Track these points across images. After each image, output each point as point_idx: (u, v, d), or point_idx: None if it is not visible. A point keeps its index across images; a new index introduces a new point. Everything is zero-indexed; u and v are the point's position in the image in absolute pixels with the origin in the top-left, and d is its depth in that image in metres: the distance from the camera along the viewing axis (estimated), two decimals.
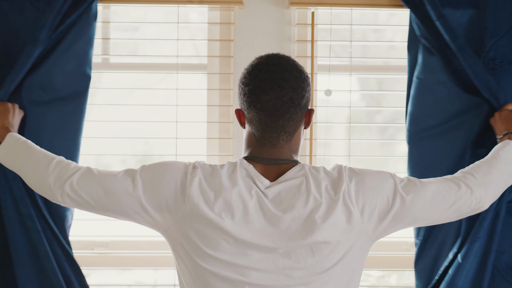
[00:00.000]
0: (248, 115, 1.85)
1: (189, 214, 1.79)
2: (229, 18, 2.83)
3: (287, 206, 1.79)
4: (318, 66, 2.86)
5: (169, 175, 1.84)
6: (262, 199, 1.79)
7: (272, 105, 1.81)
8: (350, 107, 2.87)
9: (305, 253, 1.78)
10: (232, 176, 1.80)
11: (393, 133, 3.04)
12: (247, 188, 1.79)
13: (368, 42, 2.99)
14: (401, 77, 2.88)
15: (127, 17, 2.96)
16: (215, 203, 1.77)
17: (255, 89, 1.82)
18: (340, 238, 1.79)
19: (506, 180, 2.13)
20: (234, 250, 1.76)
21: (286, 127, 1.84)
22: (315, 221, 1.77)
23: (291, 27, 2.84)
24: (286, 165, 1.86)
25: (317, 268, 1.78)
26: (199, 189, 1.79)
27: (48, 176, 1.96)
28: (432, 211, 1.91)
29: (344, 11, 2.85)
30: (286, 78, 1.82)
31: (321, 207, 1.78)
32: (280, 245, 1.77)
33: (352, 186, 1.82)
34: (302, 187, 1.80)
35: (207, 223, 1.77)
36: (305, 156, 2.83)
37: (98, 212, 1.92)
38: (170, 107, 2.83)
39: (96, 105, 2.94)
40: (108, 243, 2.85)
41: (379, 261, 2.89)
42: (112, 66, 2.89)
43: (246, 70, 1.87)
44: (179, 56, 2.82)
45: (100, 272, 3.01)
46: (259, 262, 1.77)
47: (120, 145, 2.90)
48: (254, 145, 1.87)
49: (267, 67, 1.83)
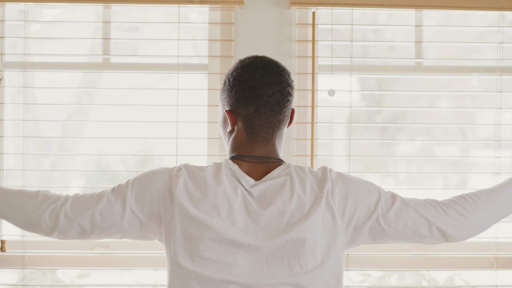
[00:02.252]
0: (244, 112, 1.85)
1: (177, 215, 1.79)
2: (230, 18, 2.83)
3: (271, 203, 1.79)
4: (319, 66, 2.87)
5: (156, 181, 1.83)
6: (247, 197, 1.79)
7: (274, 99, 1.84)
8: (351, 107, 2.87)
9: (288, 251, 1.77)
10: (217, 176, 1.80)
11: (393, 133, 3.04)
12: (232, 187, 1.80)
13: (368, 42, 2.99)
14: (402, 77, 2.89)
15: (127, 17, 2.96)
16: (200, 201, 1.77)
17: (256, 84, 1.83)
18: (321, 237, 1.78)
19: (494, 220, 2.01)
20: (219, 248, 1.76)
21: (281, 122, 1.87)
22: (297, 218, 1.77)
23: (292, 27, 2.84)
24: (273, 164, 1.87)
25: (300, 269, 1.77)
26: (184, 188, 1.79)
27: (40, 213, 1.85)
28: (406, 236, 1.90)
29: (344, 11, 2.86)
30: (281, 73, 1.87)
31: (305, 205, 1.79)
32: (264, 243, 1.76)
33: (337, 188, 1.82)
34: (286, 185, 1.81)
35: (193, 222, 1.76)
36: (306, 156, 2.83)
37: (98, 236, 1.88)
38: (171, 107, 2.83)
39: (97, 105, 2.94)
40: (108, 243, 2.85)
41: (380, 261, 2.89)
42: (113, 66, 2.89)
43: (239, 69, 1.87)
44: (180, 56, 2.83)
45: (100, 272, 3.01)
46: (243, 260, 1.77)
47: (121, 145, 2.90)
48: (246, 143, 1.87)
49: (262, 64, 1.86)
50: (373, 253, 2.89)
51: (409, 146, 3.08)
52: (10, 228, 2.86)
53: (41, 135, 2.93)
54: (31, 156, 2.86)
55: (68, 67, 2.89)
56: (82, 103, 2.99)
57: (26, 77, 2.83)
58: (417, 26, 2.92)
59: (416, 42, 2.93)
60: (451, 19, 3.03)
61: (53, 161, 2.99)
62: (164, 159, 2.96)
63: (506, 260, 2.91)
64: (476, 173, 3.01)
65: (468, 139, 3.07)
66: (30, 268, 2.86)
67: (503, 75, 2.90)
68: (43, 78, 2.93)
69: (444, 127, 3.02)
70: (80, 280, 3.04)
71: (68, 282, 3.03)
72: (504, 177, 2.91)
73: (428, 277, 3.08)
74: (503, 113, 2.93)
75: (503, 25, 2.89)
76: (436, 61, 2.98)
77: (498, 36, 2.90)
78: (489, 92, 2.94)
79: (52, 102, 2.92)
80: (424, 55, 2.93)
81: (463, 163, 3.03)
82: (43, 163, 2.95)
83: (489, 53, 2.96)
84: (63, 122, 2.97)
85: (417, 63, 2.94)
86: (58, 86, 2.93)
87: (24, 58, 2.82)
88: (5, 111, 2.86)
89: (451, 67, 2.95)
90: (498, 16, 2.90)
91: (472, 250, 2.93)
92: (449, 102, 3.07)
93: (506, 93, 2.91)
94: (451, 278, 3.07)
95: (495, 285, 2.90)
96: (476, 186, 3.06)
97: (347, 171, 2.87)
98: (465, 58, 3.01)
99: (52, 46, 2.93)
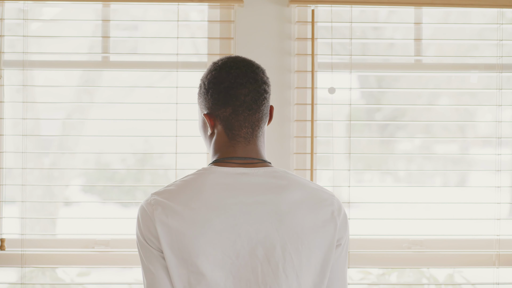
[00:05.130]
0: (222, 114, 1.83)
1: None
2: (229, 16, 2.83)
3: (262, 196, 1.73)
4: (318, 64, 2.86)
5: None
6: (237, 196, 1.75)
7: (250, 98, 1.82)
8: (350, 105, 2.87)
9: (281, 251, 1.73)
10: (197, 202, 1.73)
11: (393, 131, 3.04)
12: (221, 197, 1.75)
13: (368, 40, 2.99)
14: (401, 75, 2.88)
15: (127, 16, 2.96)
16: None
17: (231, 85, 1.82)
18: (317, 236, 1.75)
19: None
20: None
21: (260, 121, 1.85)
22: (293, 209, 1.73)
23: (291, 25, 2.84)
24: (259, 165, 1.82)
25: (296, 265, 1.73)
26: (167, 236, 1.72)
27: None
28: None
29: (344, 8, 2.85)
30: (256, 71, 1.84)
31: (305, 201, 1.75)
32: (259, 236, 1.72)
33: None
34: (279, 182, 1.77)
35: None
36: (305, 154, 2.83)
37: None
38: (170, 105, 2.83)
39: (96, 104, 2.94)
40: (108, 241, 2.85)
41: (380, 259, 2.89)
42: (112, 65, 2.89)
43: (213, 72, 1.86)
44: (179, 54, 2.83)
45: (100, 271, 3.01)
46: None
47: (120, 144, 2.90)
48: (227, 145, 1.84)
49: (236, 64, 1.85)
50: (374, 251, 2.89)
51: (409, 144, 3.08)
52: (10, 226, 2.87)
53: (40, 134, 2.93)
54: (31, 155, 2.87)
55: (67, 66, 2.89)
56: (82, 101, 3.00)
57: (25, 75, 2.83)
58: (417, 23, 2.92)
59: (416, 39, 2.92)
60: (450, 17, 3.02)
61: (53, 159, 2.99)
62: (164, 157, 2.97)
63: (508, 257, 2.91)
64: (476, 170, 3.01)
65: (468, 137, 3.06)
66: (30, 267, 2.86)
67: (502, 72, 2.90)
68: (43, 77, 2.93)
69: (444, 125, 3.02)
70: (80, 279, 3.04)
71: (68, 280, 3.03)
72: (505, 175, 2.91)
73: (428, 274, 3.08)
74: (503, 110, 2.92)
75: (502, 22, 2.89)
76: (435, 59, 2.98)
77: (497, 34, 2.90)
78: (489, 90, 2.94)
79: (51, 101, 2.93)
80: (423, 53, 2.93)
81: (463, 161, 3.03)
82: (42, 162, 2.95)
83: (489, 50, 2.96)
84: (62, 121, 2.97)
85: (417, 60, 2.93)
86: (58, 85, 2.94)
87: (24, 56, 2.82)
88: (5, 110, 2.86)
89: (451, 65, 2.95)
90: (497, 14, 2.90)
91: (474, 247, 2.93)
92: (448, 99, 3.07)
93: (506, 90, 2.91)
94: (451, 276, 3.07)
95: (497, 282, 2.90)
96: (476, 184, 3.06)
97: (347, 169, 2.87)
98: (465, 55, 3.01)
99: (51, 45, 2.93)
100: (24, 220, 2.83)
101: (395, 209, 2.97)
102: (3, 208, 2.85)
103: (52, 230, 3.03)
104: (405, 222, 2.91)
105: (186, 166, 2.83)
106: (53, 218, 3.02)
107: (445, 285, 3.08)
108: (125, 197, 3.10)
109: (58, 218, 3.02)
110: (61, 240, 2.90)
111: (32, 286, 2.91)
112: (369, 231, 2.91)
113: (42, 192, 2.97)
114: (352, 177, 2.90)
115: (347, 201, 2.85)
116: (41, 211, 2.98)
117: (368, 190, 2.98)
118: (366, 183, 3.10)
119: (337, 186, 2.94)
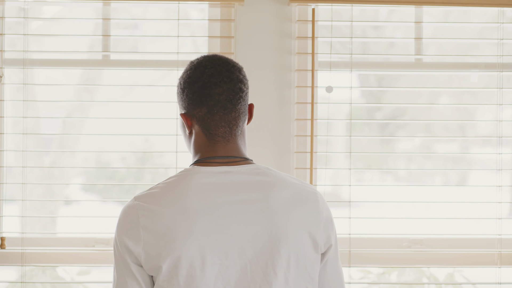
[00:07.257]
0: (198, 114, 1.81)
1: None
2: (230, 15, 2.83)
3: (249, 194, 1.72)
4: (319, 63, 2.86)
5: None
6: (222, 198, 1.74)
7: (225, 97, 1.79)
8: (351, 104, 2.87)
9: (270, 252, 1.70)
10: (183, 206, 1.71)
11: (393, 130, 3.04)
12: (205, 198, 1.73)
13: (368, 39, 2.99)
14: (401, 74, 2.88)
15: (127, 14, 2.96)
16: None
17: (205, 84, 1.80)
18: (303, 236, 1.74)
19: None
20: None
21: (237, 119, 1.82)
22: (280, 207, 1.71)
23: (292, 24, 2.84)
24: (241, 163, 1.79)
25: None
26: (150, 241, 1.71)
27: None
28: None
29: (344, 7, 2.85)
30: (231, 70, 1.81)
31: (291, 197, 1.73)
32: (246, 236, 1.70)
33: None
34: (263, 179, 1.75)
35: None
36: (306, 153, 2.83)
37: None
38: (171, 104, 2.83)
39: (96, 102, 2.94)
40: (109, 240, 2.85)
41: (380, 258, 2.89)
42: (113, 63, 2.89)
43: (188, 71, 1.84)
44: (180, 53, 2.83)
45: (101, 269, 3.01)
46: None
47: (121, 142, 2.90)
48: (207, 145, 1.82)
49: (210, 63, 1.83)
50: (374, 250, 2.88)
51: (409, 143, 3.08)
52: (10, 225, 2.87)
53: (41, 132, 2.93)
54: (31, 153, 2.87)
55: (67, 64, 2.90)
56: (82, 100, 3.00)
57: (26, 74, 2.83)
58: (417, 22, 2.92)
59: (416, 38, 2.92)
60: (451, 16, 3.02)
61: (53, 158, 2.99)
62: (164, 156, 2.97)
63: (510, 256, 2.91)
64: (476, 169, 3.01)
65: (468, 136, 3.06)
66: (30, 265, 2.86)
67: (503, 71, 2.90)
68: (43, 75, 2.94)
69: (444, 124, 3.01)
70: (80, 277, 3.04)
71: (69, 279, 3.03)
72: (506, 174, 2.91)
73: (428, 273, 3.08)
74: (504, 109, 2.92)
75: (503, 21, 2.89)
76: (436, 58, 2.98)
77: (498, 33, 2.90)
78: (489, 89, 2.94)
79: (51, 99, 2.93)
80: (424, 52, 2.93)
81: (463, 160, 3.03)
82: (43, 160, 2.95)
83: (489, 49, 2.96)
84: (63, 119, 2.97)
85: (417, 59, 2.93)
86: (58, 83, 2.94)
87: (24, 55, 2.82)
88: (5, 108, 2.86)
89: (451, 64, 2.95)
90: (498, 13, 2.89)
91: (475, 247, 2.92)
92: (449, 98, 3.07)
93: (507, 89, 2.91)
94: (451, 275, 3.07)
95: (499, 281, 2.89)
96: (477, 183, 3.06)
97: (347, 168, 2.87)
98: (465, 54, 3.01)
99: (51, 43, 2.93)
100: (25, 219, 2.83)
101: (396, 208, 2.97)
102: (3, 207, 2.85)
103: (53, 228, 3.03)
104: (406, 221, 2.91)
105: (186, 165, 2.83)
106: (54, 216, 3.02)
107: (445, 284, 3.07)
108: (125, 196, 3.09)
109: (58, 216, 3.03)
110: (61, 238, 2.91)
111: (32, 284, 2.91)
112: (369, 230, 2.91)
113: (42, 191, 2.97)
114: (352, 176, 2.90)
115: (348, 200, 2.85)
116: (41, 209, 2.98)
117: (368, 189, 2.98)
118: (366, 182, 3.10)
119: (337, 185, 2.94)
